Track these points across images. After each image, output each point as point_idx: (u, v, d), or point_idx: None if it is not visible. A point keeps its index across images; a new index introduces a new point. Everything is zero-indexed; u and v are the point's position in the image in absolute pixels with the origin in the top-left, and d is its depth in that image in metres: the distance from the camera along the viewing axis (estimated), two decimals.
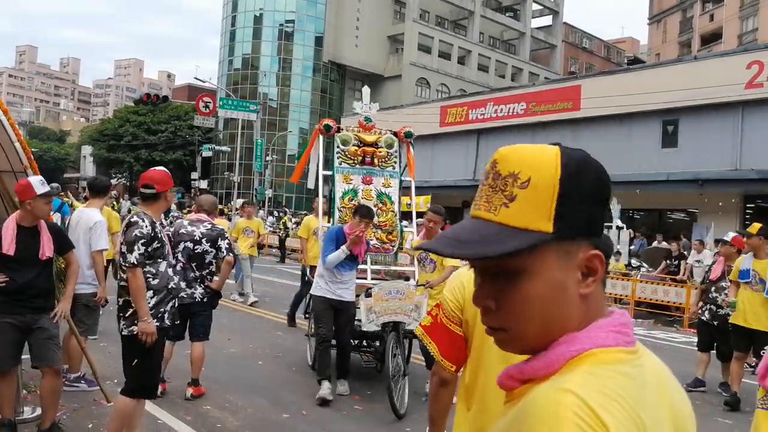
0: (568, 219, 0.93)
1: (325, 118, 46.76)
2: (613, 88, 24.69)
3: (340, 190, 7.66)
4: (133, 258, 4.17)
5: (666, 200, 23.80)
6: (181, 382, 6.31)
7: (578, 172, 0.98)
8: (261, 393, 6.39)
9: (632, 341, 0.94)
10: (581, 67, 64.69)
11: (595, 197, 0.98)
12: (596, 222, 0.99)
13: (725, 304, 7.70)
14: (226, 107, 33.48)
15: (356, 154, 7.78)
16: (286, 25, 53.87)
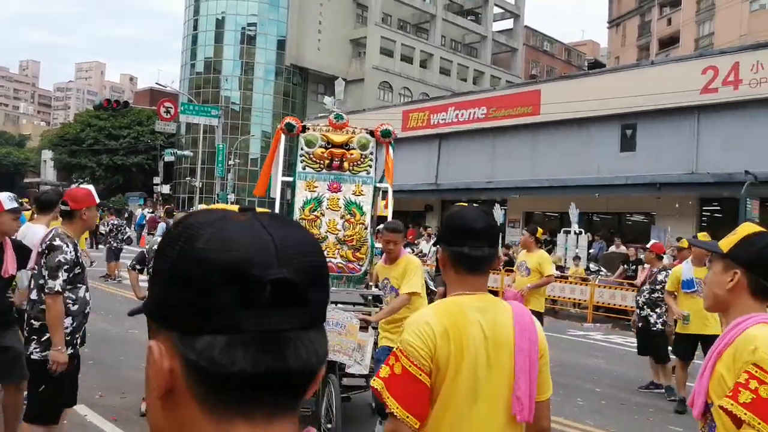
0: None
1: None
2: (572, 92, 24.91)
3: (300, 200, 6.72)
4: (57, 285, 4.03)
5: (625, 204, 24.10)
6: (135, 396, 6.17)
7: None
8: None
9: None
10: (542, 71, 65.37)
11: None
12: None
13: (679, 317, 7.71)
14: (187, 113, 33.07)
15: (322, 157, 6.77)
16: (248, 28, 53.48)
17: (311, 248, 0.73)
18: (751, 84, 20.32)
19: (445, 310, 2.04)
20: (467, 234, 2.06)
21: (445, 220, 2.21)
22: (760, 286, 1.99)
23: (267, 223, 0.72)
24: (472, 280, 2.08)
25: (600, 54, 78.24)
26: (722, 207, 21.93)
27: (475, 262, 2.08)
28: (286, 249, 0.69)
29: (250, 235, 0.69)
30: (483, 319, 2.02)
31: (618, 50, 64.08)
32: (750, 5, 46.62)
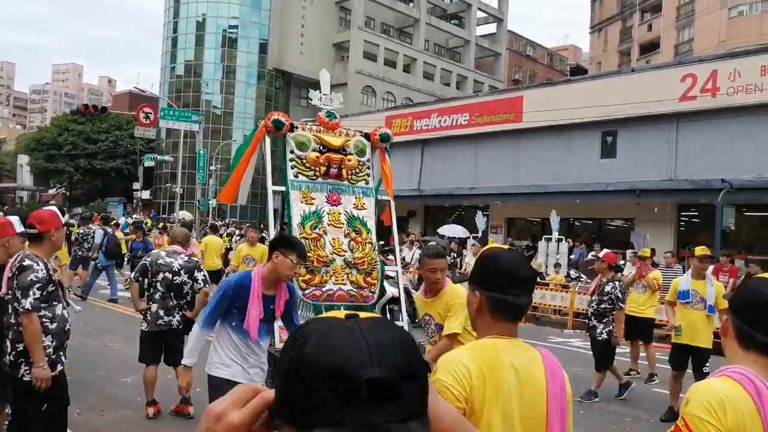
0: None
1: None
2: (554, 99, 25.08)
3: (298, 214, 5.68)
4: (28, 303, 4.04)
5: (605, 210, 24.27)
6: (114, 414, 6.09)
7: None
8: None
9: None
10: (525, 75, 65.70)
11: None
12: None
13: (670, 328, 8.04)
14: (167, 118, 32.80)
15: (318, 162, 5.87)
16: (229, 31, 53.23)
17: (402, 346, 0.83)
18: (729, 92, 20.56)
19: (481, 351, 2.00)
20: (512, 281, 2.02)
21: (486, 262, 2.11)
22: (743, 333, 1.90)
23: (365, 327, 0.83)
24: (507, 326, 2.05)
25: (582, 59, 78.79)
26: (700, 213, 22.16)
27: (517, 311, 2.06)
28: (379, 350, 0.80)
29: (349, 339, 0.81)
30: (517, 364, 1.98)
31: (600, 55, 64.54)
32: (728, 12, 47.13)
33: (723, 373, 1.88)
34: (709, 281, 7.60)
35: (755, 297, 1.88)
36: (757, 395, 1.77)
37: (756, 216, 22.12)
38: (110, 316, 12.25)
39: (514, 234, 27.36)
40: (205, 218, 37.71)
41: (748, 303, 1.89)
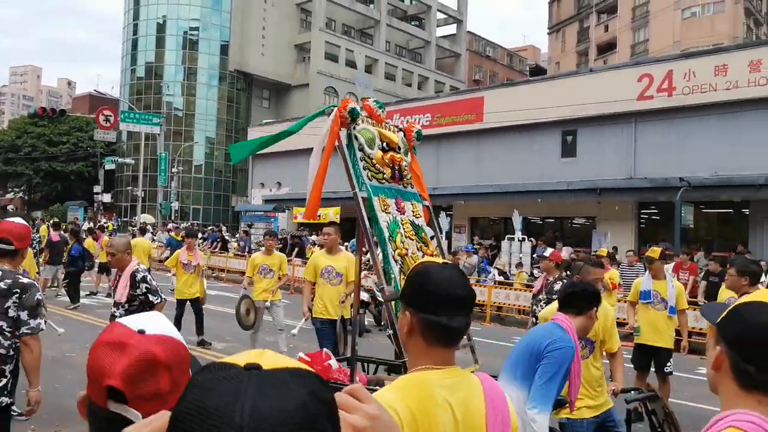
0: None
1: (231, 128, 45.60)
2: (514, 99, 25.35)
3: (383, 224, 4.70)
4: (38, 324, 3.97)
5: (567, 208, 24.59)
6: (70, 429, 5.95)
7: None
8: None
9: None
10: (485, 76, 66.23)
11: None
12: None
13: (630, 328, 8.11)
14: (127, 120, 32.37)
15: (384, 163, 4.93)
16: (190, 33, 52.64)
17: (289, 420, 0.69)
18: (684, 92, 21.03)
19: (412, 390, 1.76)
20: (446, 301, 1.78)
21: (417, 279, 1.85)
22: (742, 371, 1.54)
23: (253, 386, 0.70)
24: (443, 353, 1.81)
25: (541, 59, 79.72)
26: (659, 211, 22.59)
27: (452, 335, 1.81)
28: (255, 423, 0.67)
29: (224, 403, 0.69)
30: (453, 399, 1.77)
31: (558, 56, 65.36)
32: (682, 13, 48.20)
33: (729, 423, 1.50)
34: (671, 282, 7.69)
35: (757, 332, 1.52)
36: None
37: (713, 213, 22.65)
38: (70, 324, 12.00)
39: (478, 233, 27.57)
40: (167, 221, 37.26)
41: (749, 338, 1.53)
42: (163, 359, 1.16)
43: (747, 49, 21.23)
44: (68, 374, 7.68)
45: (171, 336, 1.21)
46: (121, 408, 1.13)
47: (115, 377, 1.11)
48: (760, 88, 19.53)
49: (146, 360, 1.14)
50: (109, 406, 1.14)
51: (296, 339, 9.76)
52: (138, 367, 1.13)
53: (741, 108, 20.05)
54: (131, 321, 1.22)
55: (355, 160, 4.82)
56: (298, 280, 20.30)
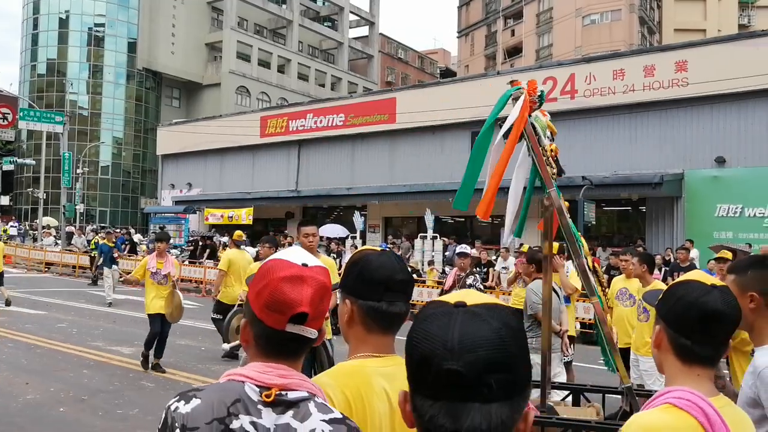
0: None
1: (140, 128, 44.49)
2: (426, 101, 25.87)
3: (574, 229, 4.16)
4: None
5: (476, 207, 25.24)
6: None
7: None
8: None
9: None
10: (397, 77, 67.06)
11: None
12: None
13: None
14: (27, 119, 31.01)
15: (552, 155, 4.27)
16: (95, 29, 50.89)
17: (489, 341, 0.93)
18: (586, 94, 22.05)
19: (348, 376, 1.75)
20: (386, 287, 1.79)
21: (355, 266, 1.85)
22: (680, 346, 1.67)
23: (462, 319, 0.96)
24: (382, 340, 1.81)
25: (451, 62, 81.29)
26: None
27: (392, 320, 1.81)
28: (463, 344, 0.93)
29: (441, 331, 0.95)
30: (389, 387, 1.75)
31: (468, 59, 66.91)
32: (582, 20, 50.46)
33: (665, 399, 1.61)
34: (567, 272, 8.22)
35: (692, 308, 1.64)
36: (707, 422, 1.53)
37: (613, 210, 23.82)
38: None
39: (392, 233, 27.98)
40: (72, 224, 35.93)
41: (685, 315, 1.65)
42: (329, 286, 1.45)
43: (642, 55, 22.42)
44: None
45: (322, 266, 1.47)
46: (299, 329, 1.40)
47: (306, 305, 1.38)
48: (654, 92, 20.70)
49: (323, 287, 1.43)
50: (287, 328, 1.40)
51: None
52: (319, 294, 1.41)
53: (638, 110, 21.20)
54: (290, 256, 1.46)
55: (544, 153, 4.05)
56: (210, 283, 20.11)
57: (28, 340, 10.82)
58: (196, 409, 1.35)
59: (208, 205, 31.73)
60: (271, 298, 1.39)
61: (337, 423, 1.40)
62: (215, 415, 1.34)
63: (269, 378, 1.39)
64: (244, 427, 1.34)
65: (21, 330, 11.69)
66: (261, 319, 1.42)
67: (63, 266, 25.98)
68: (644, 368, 6.50)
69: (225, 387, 1.40)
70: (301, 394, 1.40)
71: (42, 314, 14.05)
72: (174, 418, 1.35)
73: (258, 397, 1.38)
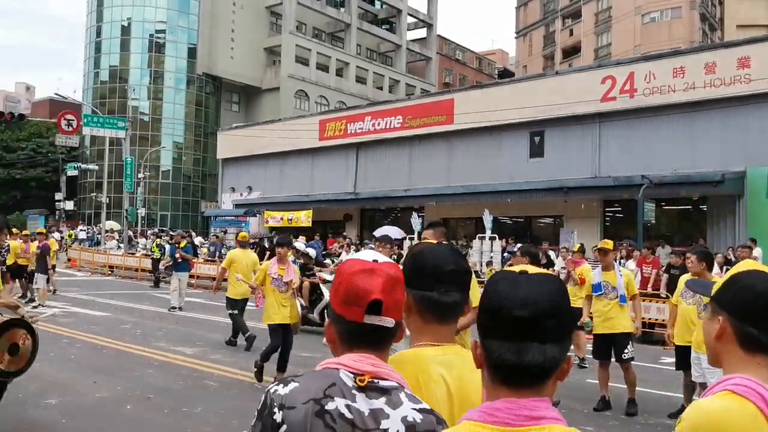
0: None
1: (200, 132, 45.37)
2: (484, 101, 25.67)
3: None
4: None
5: (535, 208, 24.95)
6: None
7: None
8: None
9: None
10: (455, 79, 66.76)
11: None
12: None
13: (582, 323, 8.41)
14: (91, 125, 31.86)
15: None
16: (156, 35, 52.12)
17: (548, 295, 1.24)
18: (645, 93, 21.57)
19: (405, 364, 1.78)
20: (437, 277, 1.86)
21: (410, 259, 1.95)
22: (746, 334, 1.66)
23: (527, 281, 1.26)
24: (439, 329, 1.87)
25: (509, 63, 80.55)
26: (623, 208, 23.04)
27: (445, 309, 1.87)
28: (529, 297, 1.22)
29: (512, 288, 1.25)
30: (448, 375, 1.79)
31: (526, 59, 66.21)
32: (642, 18, 49.30)
33: (724, 386, 1.61)
34: (619, 271, 7.97)
35: (757, 297, 1.63)
36: (766, 406, 1.52)
37: (674, 209, 23.20)
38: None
39: (450, 234, 27.81)
40: (134, 228, 36.85)
41: (751, 303, 1.64)
42: (400, 278, 1.56)
43: (703, 52, 21.82)
44: (31, 384, 7.47)
45: (392, 262, 1.58)
46: (376, 319, 1.48)
47: (377, 292, 1.47)
48: (715, 90, 20.14)
49: (393, 278, 1.53)
50: (365, 319, 1.48)
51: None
52: (390, 283, 1.51)
53: (698, 108, 20.68)
54: (360, 256, 1.58)
55: None
56: None
57: (95, 341, 11.08)
58: (293, 390, 1.45)
59: (268, 207, 32.10)
60: (346, 292, 1.50)
61: (426, 413, 1.48)
62: (312, 396, 1.43)
63: (362, 366, 1.47)
64: (339, 409, 1.42)
65: (87, 331, 11.99)
66: (341, 314, 1.51)
67: (125, 269, 26.62)
68: (706, 366, 6.27)
69: (321, 373, 1.50)
70: (392, 383, 1.49)
71: (107, 316, 14.42)
72: (273, 399, 1.45)
73: (352, 382, 1.45)
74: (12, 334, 5.42)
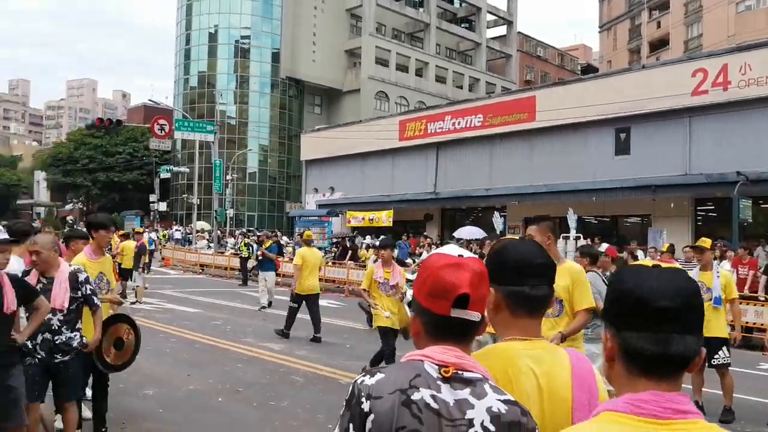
0: None
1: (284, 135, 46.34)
2: (567, 98, 25.21)
3: None
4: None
5: (621, 206, 24.30)
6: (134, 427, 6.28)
7: None
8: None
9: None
10: (536, 76, 65.70)
11: None
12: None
13: None
14: (182, 129, 33.16)
15: None
16: (241, 41, 53.60)
17: (684, 290, 1.27)
18: (740, 85, 20.64)
19: (495, 357, 1.80)
20: (527, 271, 1.87)
21: (497, 255, 1.95)
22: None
23: (662, 275, 1.29)
24: (528, 324, 1.87)
25: (592, 58, 78.67)
26: (716, 206, 22.15)
27: (536, 303, 1.88)
28: (668, 290, 1.25)
29: (651, 282, 1.27)
30: (537, 368, 1.79)
31: (610, 54, 64.45)
32: (736, 6, 47.04)
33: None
34: (716, 272, 7.63)
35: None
36: None
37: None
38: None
39: None
40: (223, 228, 38.04)
41: None
42: (485, 273, 1.60)
43: None
44: (132, 377, 7.84)
45: (477, 258, 1.61)
46: (463, 312, 1.52)
47: (465, 286, 1.50)
48: None
49: (479, 273, 1.56)
50: (452, 313, 1.52)
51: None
52: (477, 277, 1.54)
53: None
54: (446, 251, 1.62)
55: None
56: (350, 283, 20.66)
57: (188, 336, 11.56)
58: (380, 381, 1.49)
59: (350, 208, 32.52)
60: (434, 285, 1.53)
61: (511, 404, 1.51)
62: (398, 387, 1.47)
63: (447, 357, 1.50)
64: (425, 399, 1.45)
65: (181, 326, 12.52)
66: (427, 308, 1.55)
67: (215, 267, 27.58)
68: None
69: (406, 365, 1.53)
70: (476, 375, 1.51)
71: (198, 312, 15.01)
72: (360, 389, 1.50)
73: (437, 374, 1.48)
74: (116, 328, 5.78)
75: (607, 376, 1.38)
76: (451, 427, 1.44)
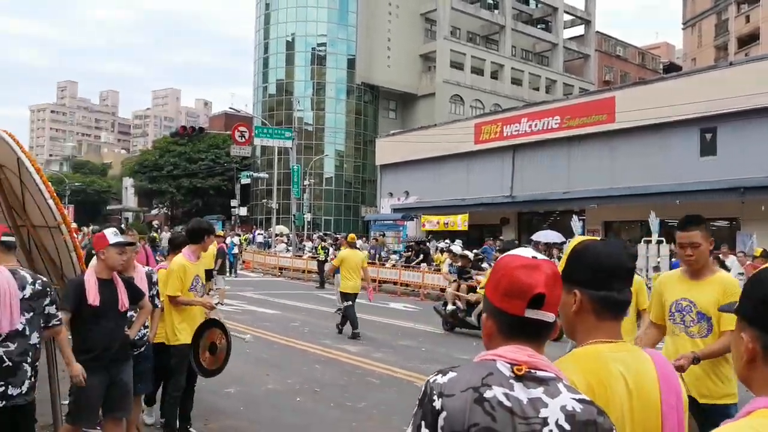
0: None
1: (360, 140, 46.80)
2: (648, 98, 24.48)
3: None
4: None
5: (706, 210, 23.22)
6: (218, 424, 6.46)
7: None
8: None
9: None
10: (616, 76, 64.02)
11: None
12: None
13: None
14: (261, 136, 33.96)
15: None
16: (317, 48, 54.47)
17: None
18: None
19: (587, 360, 1.78)
20: (616, 275, 1.85)
21: (583, 256, 1.88)
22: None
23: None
24: (613, 327, 1.86)
25: (675, 56, 76.10)
26: None
27: (622, 307, 1.87)
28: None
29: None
30: (626, 371, 1.77)
31: (694, 51, 62.19)
32: None
33: (764, 404, 1.23)
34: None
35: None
36: None
37: None
38: None
39: (612, 237, 26.74)
40: (300, 232, 38.70)
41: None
42: (559, 275, 1.61)
43: None
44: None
45: (550, 260, 1.61)
46: (538, 313, 1.53)
47: (541, 286, 1.51)
48: None
49: (554, 274, 1.57)
50: (526, 313, 1.52)
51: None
52: (552, 279, 1.55)
53: None
54: (521, 252, 1.62)
55: None
56: (425, 287, 20.63)
57: (267, 337, 11.81)
58: (452, 379, 1.49)
59: (425, 212, 32.53)
60: (509, 285, 1.53)
61: (586, 403, 1.49)
62: (470, 385, 1.46)
63: (519, 356, 1.50)
64: (498, 397, 1.44)
65: (261, 327, 12.82)
66: (501, 308, 1.55)
67: (294, 270, 28.09)
68: None
69: (478, 364, 1.53)
70: (549, 374, 1.50)
71: (277, 314, 15.32)
72: (432, 388, 1.49)
73: (509, 372, 1.48)
74: (210, 333, 5.96)
75: (746, 378, 1.30)
76: (525, 425, 1.43)
